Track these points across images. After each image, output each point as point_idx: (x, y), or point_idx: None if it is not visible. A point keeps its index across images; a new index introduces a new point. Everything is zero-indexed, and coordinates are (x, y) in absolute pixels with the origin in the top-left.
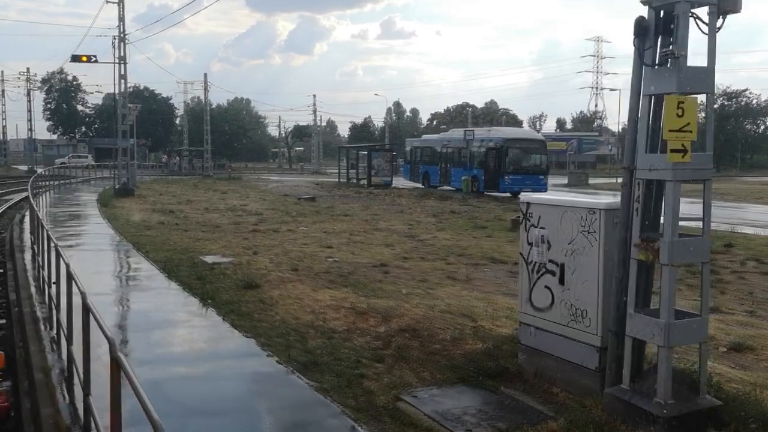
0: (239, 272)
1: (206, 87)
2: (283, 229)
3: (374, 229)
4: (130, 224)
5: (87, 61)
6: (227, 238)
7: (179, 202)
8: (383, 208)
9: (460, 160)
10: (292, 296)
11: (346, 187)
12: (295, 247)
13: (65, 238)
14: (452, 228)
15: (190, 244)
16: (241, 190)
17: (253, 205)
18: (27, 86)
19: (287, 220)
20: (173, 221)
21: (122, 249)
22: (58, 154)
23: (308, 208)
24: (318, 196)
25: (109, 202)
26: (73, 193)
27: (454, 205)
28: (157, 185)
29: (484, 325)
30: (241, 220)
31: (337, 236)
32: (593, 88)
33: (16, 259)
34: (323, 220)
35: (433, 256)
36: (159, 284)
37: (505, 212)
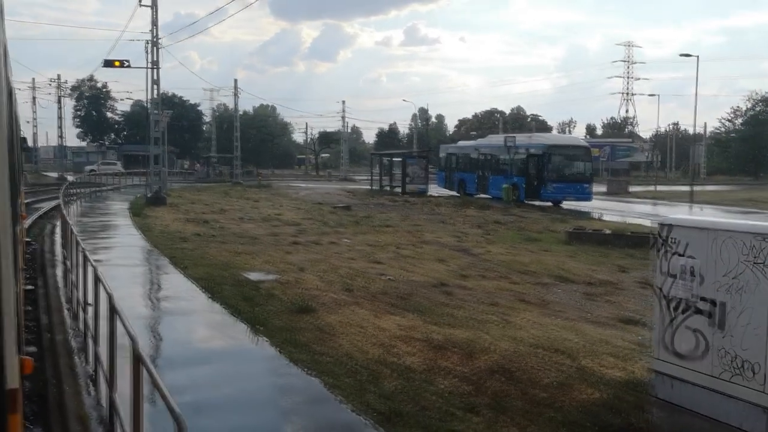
0: (288, 292)
1: (236, 93)
2: (324, 241)
3: (421, 242)
4: (164, 236)
5: (120, 66)
6: (268, 251)
7: (213, 212)
8: (423, 218)
9: (499, 167)
10: (353, 323)
11: (380, 195)
12: (342, 262)
13: (97, 251)
14: (502, 240)
15: (230, 259)
16: (273, 198)
17: (288, 215)
18: (58, 93)
19: (327, 232)
20: (209, 232)
21: (158, 264)
22: (87, 161)
23: (346, 217)
24: (353, 205)
25: (141, 211)
26: (103, 201)
27: (496, 215)
28: (187, 193)
29: (588, 366)
30: (278, 231)
31: (384, 250)
32: (624, 93)
33: (48, 275)
34: (365, 232)
35: (493, 274)
36: (202, 306)
37: (553, 222)
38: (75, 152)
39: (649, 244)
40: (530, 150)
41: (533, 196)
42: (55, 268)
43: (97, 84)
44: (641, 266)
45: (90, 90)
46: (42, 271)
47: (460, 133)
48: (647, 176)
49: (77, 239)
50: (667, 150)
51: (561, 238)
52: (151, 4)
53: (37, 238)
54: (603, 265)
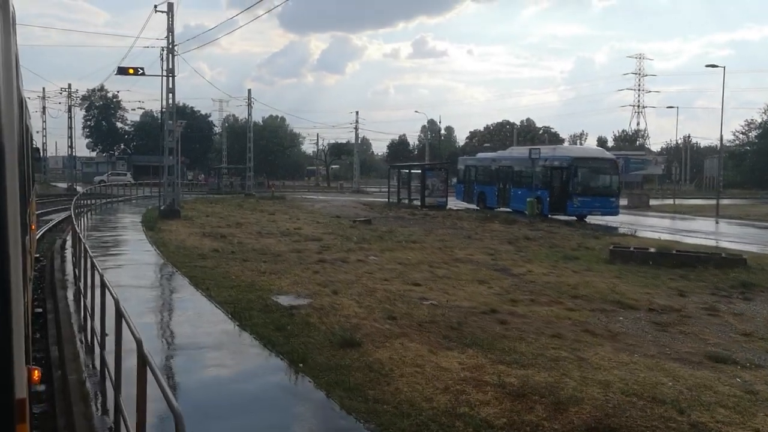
0: (326, 320)
1: (250, 103)
2: (351, 258)
3: (454, 260)
4: (181, 252)
5: (134, 73)
6: (294, 270)
7: (229, 225)
8: (448, 232)
9: (522, 180)
10: (408, 360)
11: (398, 208)
12: (377, 283)
13: (110, 269)
14: (539, 258)
15: (255, 279)
16: (288, 210)
17: (307, 229)
18: (68, 102)
19: (352, 248)
20: (228, 248)
21: (178, 285)
22: (97, 171)
23: (368, 232)
24: (372, 219)
25: (154, 224)
26: (114, 213)
27: (523, 230)
28: (200, 205)
29: (703, 422)
30: (301, 248)
31: (417, 269)
32: (635, 106)
33: (58, 297)
34: (391, 248)
35: (543, 298)
36: (231, 338)
37: (585, 239)
38: (84, 162)
39: (701, 264)
40: (555, 163)
41: (558, 210)
42: (66, 289)
43: (108, 94)
44: (699, 289)
45: (101, 99)
46: (52, 292)
47: (471, 145)
48: (662, 189)
49: (93, 262)
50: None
51: (601, 256)
52: (167, 10)
53: (46, 253)
54: (656, 287)
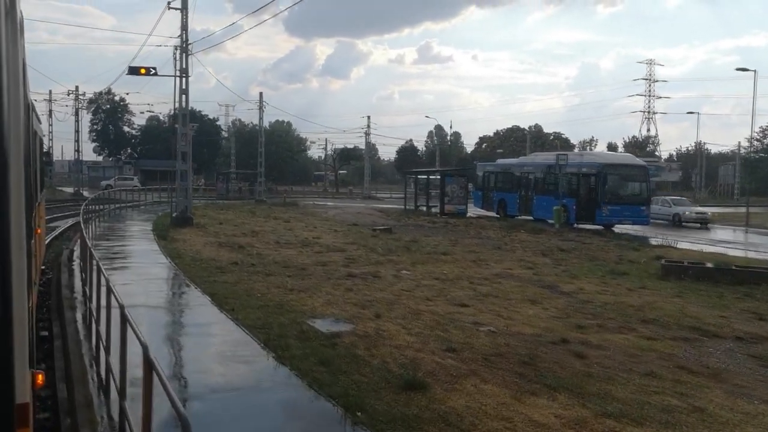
0: (375, 351)
1: (261, 106)
2: (382, 273)
3: (493, 275)
4: (198, 264)
5: (146, 73)
6: (324, 287)
7: (244, 234)
8: (474, 242)
9: (546, 187)
10: (490, 410)
11: (416, 215)
12: (419, 303)
13: (122, 285)
14: (583, 273)
15: (283, 298)
16: (303, 218)
17: (326, 238)
18: (75, 105)
19: (380, 260)
20: (248, 260)
21: (199, 304)
22: (103, 176)
23: (392, 242)
24: (392, 227)
25: (166, 233)
26: (123, 221)
27: (553, 240)
28: (211, 211)
29: None
30: (325, 260)
31: (457, 285)
32: (645, 112)
33: (66, 320)
34: (422, 261)
35: (612, 323)
36: (269, 375)
37: (622, 250)
38: (91, 167)
39: (765, 282)
40: (583, 169)
41: (585, 218)
42: (74, 310)
43: (115, 97)
44: None
45: (108, 103)
46: (59, 312)
47: (480, 150)
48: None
49: (111, 287)
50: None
51: (650, 271)
52: (181, 6)
53: (53, 264)
54: (727, 308)
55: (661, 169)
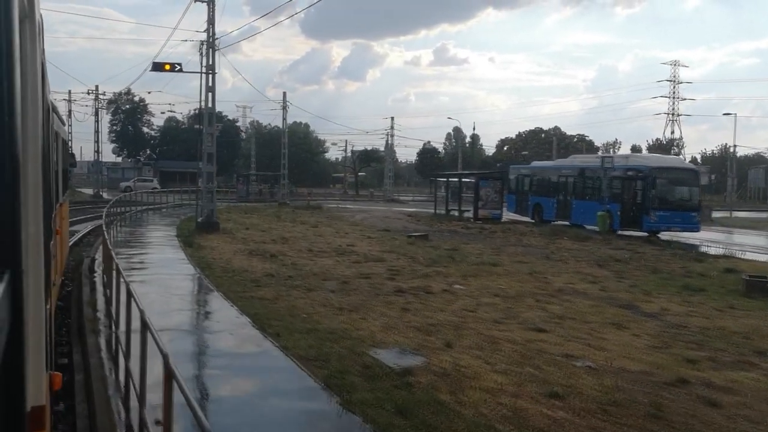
0: (463, 397)
1: (285, 106)
2: (433, 287)
3: (557, 291)
4: (230, 277)
5: (170, 69)
6: (375, 305)
7: (274, 241)
8: (519, 251)
9: (587, 191)
10: None
11: (447, 220)
12: (490, 327)
13: (150, 303)
14: (654, 289)
15: (333, 319)
16: (330, 222)
17: (361, 246)
18: (95, 105)
19: (426, 272)
20: (283, 271)
21: (238, 327)
22: (123, 177)
23: (431, 250)
24: (426, 233)
25: (192, 239)
26: (145, 225)
27: (602, 248)
28: (235, 215)
29: None
30: (367, 271)
31: (522, 304)
32: (669, 114)
33: (89, 347)
34: (473, 273)
35: (724, 356)
36: (338, 428)
37: (683, 261)
38: (110, 168)
39: None
40: (629, 173)
41: (631, 225)
42: (98, 334)
43: (134, 97)
44: None
45: (127, 103)
46: (80, 336)
47: (502, 153)
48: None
49: (148, 323)
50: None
51: (729, 286)
52: (208, 0)
53: (73, 274)
54: None
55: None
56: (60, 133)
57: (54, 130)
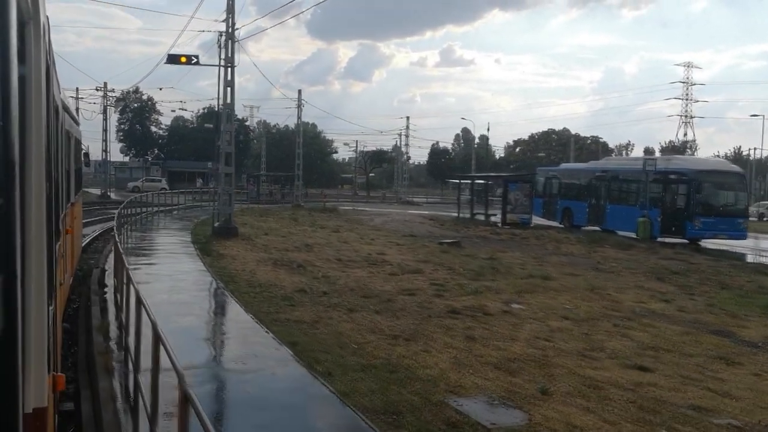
0: None
1: (300, 105)
2: (489, 307)
3: (632, 312)
4: (258, 293)
5: (186, 62)
6: (432, 331)
7: (297, 248)
8: (563, 261)
9: (623, 195)
10: None
11: (473, 224)
12: (581, 365)
13: (170, 334)
14: (737, 308)
15: (389, 351)
16: (351, 226)
17: (391, 254)
18: (103, 102)
19: (473, 288)
20: (316, 286)
21: (280, 363)
22: (130, 177)
23: (469, 261)
24: (453, 238)
25: (210, 247)
26: (157, 229)
27: (651, 258)
28: (250, 218)
29: None
30: (408, 286)
31: (598, 329)
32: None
33: (100, 390)
34: (527, 289)
35: None
36: None
37: (746, 273)
38: (117, 167)
39: None
40: (670, 176)
41: (672, 231)
42: (111, 374)
43: (143, 96)
44: None
45: (135, 102)
46: (89, 373)
47: (515, 154)
48: None
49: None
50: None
51: None
52: None
53: (82, 287)
54: None
55: None
56: (72, 133)
57: (65, 130)
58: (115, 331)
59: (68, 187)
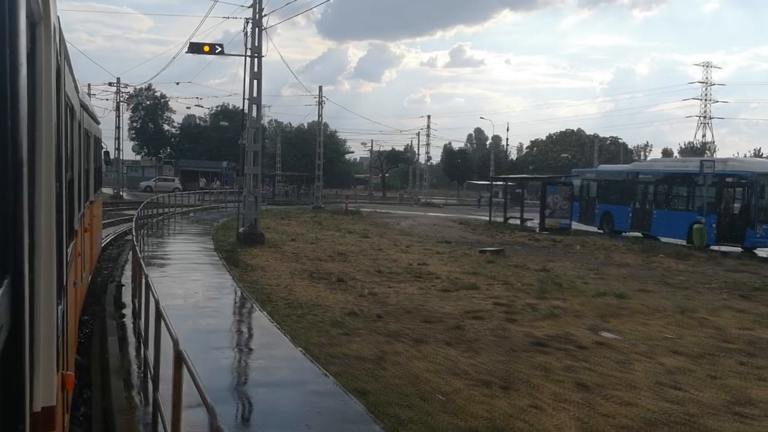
0: None
1: (320, 102)
2: (577, 336)
3: (749, 344)
4: (300, 316)
5: (209, 51)
6: (528, 373)
7: (330, 257)
8: (623, 273)
9: (673, 199)
10: None
11: (507, 229)
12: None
13: (206, 376)
14: None
15: (488, 405)
16: (378, 230)
17: (434, 264)
18: (116, 99)
19: (545, 309)
20: (365, 306)
21: (349, 423)
22: (142, 176)
23: (522, 273)
24: (493, 244)
25: (236, 255)
26: (175, 234)
27: (717, 270)
28: (270, 221)
29: None
30: (470, 306)
31: (723, 369)
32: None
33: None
34: (609, 312)
35: None
36: None
37: None
38: (129, 166)
39: None
40: (727, 179)
41: (731, 238)
42: None
43: (155, 93)
44: None
45: (147, 99)
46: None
47: (532, 155)
48: None
49: None
50: None
51: None
52: None
53: (95, 307)
54: None
55: None
56: (92, 132)
57: (84, 129)
58: (137, 372)
59: (87, 185)
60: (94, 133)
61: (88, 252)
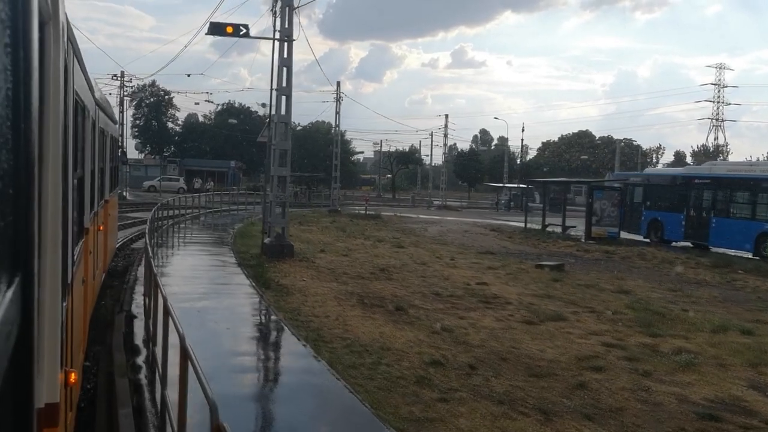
0: None
1: (338, 98)
2: (754, 406)
3: None
4: (369, 366)
5: (232, 33)
6: None
7: (372, 274)
8: (714, 294)
9: (736, 207)
10: None
11: (549, 238)
12: None
13: None
14: None
15: None
16: (408, 238)
17: (491, 281)
18: (120, 93)
19: (682, 357)
20: (446, 349)
21: None
22: (146, 175)
23: (602, 296)
24: (538, 256)
25: (264, 272)
26: (188, 244)
27: None
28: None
29: None
30: (575, 349)
31: None
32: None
33: None
34: (754, 358)
35: None
36: None
37: None
38: (132, 165)
39: None
40: None
41: None
42: None
43: (159, 90)
44: None
45: (151, 96)
46: None
47: (544, 157)
48: None
49: None
50: None
51: None
52: None
53: (100, 346)
54: None
55: None
56: (107, 130)
57: (99, 128)
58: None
59: (102, 184)
60: (110, 132)
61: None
